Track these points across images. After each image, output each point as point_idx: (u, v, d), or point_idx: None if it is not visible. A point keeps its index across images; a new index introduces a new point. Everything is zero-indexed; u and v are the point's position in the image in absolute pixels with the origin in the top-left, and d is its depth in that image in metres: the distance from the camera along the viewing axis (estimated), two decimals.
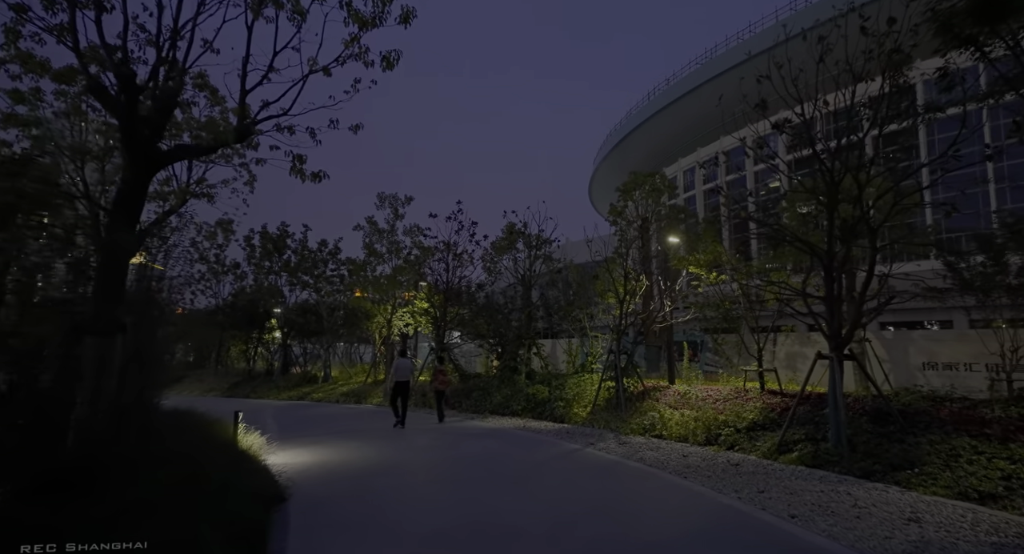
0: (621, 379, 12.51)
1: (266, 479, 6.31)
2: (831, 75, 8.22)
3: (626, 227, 21.36)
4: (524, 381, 16.07)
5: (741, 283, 12.54)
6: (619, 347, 12.88)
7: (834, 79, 8.08)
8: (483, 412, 15.20)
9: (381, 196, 21.43)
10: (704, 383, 13.62)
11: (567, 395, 13.87)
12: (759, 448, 8.81)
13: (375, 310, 21.80)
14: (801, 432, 8.81)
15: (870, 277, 8.29)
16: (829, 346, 8.59)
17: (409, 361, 14.07)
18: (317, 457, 8.95)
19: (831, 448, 8.01)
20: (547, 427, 12.49)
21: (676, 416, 10.89)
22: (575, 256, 21.12)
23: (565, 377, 15.43)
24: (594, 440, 10.48)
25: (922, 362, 14.25)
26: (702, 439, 9.82)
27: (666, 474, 7.55)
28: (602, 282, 14.76)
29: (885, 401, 8.37)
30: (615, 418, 12.03)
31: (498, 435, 11.60)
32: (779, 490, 6.53)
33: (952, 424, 7.66)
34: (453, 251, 19.85)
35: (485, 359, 21.29)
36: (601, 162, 57.52)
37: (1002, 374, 11.59)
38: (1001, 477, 6.10)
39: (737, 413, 10.21)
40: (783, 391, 11.21)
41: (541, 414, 13.84)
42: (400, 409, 13.13)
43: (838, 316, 8.46)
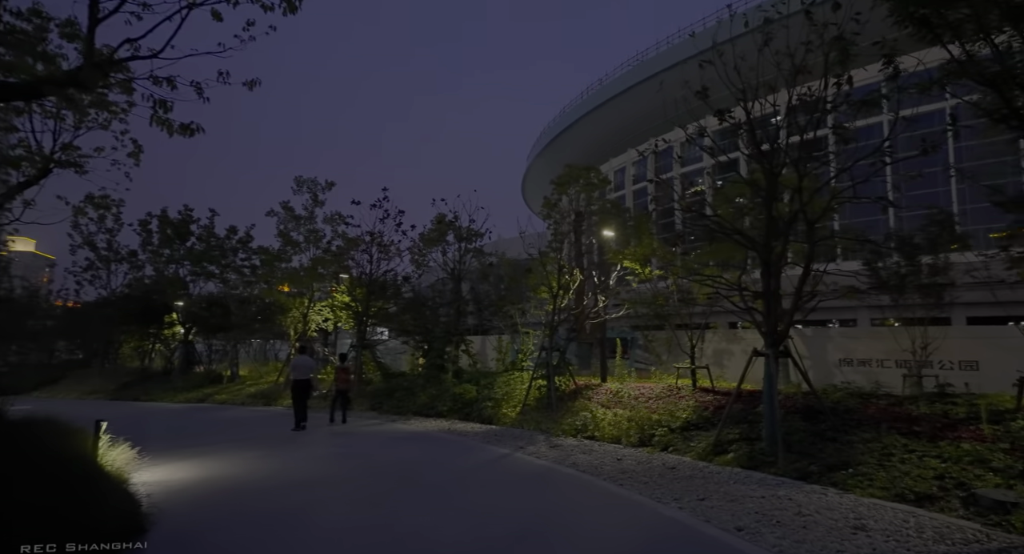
0: (553, 377, 11.94)
1: (121, 505, 5.07)
2: (775, 65, 7.95)
3: (560, 221, 21.00)
4: (451, 380, 15.19)
5: (675, 278, 12.32)
6: (551, 344, 12.30)
7: (776, 65, 7.81)
8: (406, 414, 14.17)
9: (299, 180, 19.78)
10: (636, 381, 13.34)
11: (496, 395, 13.14)
12: (694, 449, 8.46)
13: (290, 303, 20.09)
14: (735, 431, 8.55)
15: (807, 273, 8.13)
16: (765, 343, 8.36)
17: (310, 359, 12.86)
18: (203, 472, 7.65)
19: (766, 448, 7.76)
20: (474, 429, 11.69)
21: (609, 416, 10.43)
22: (507, 252, 20.48)
23: (495, 375, 14.71)
24: (524, 443, 9.80)
25: (839, 359, 14.74)
26: (636, 440, 9.38)
27: (601, 482, 6.96)
28: (535, 276, 14.15)
29: (817, 399, 8.25)
30: (546, 418, 11.43)
31: (421, 439, 10.67)
32: (720, 497, 6.08)
33: (881, 421, 7.61)
34: (378, 241, 18.59)
35: (411, 357, 20.20)
36: (535, 159, 57.35)
37: (913, 370, 12.09)
38: (934, 477, 5.96)
39: (671, 412, 9.88)
40: (715, 388, 11.05)
41: (468, 415, 13.03)
42: (301, 410, 12.04)
43: (775, 312, 8.24)
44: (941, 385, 8.36)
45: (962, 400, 7.60)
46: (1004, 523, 4.90)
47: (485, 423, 12.33)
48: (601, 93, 46.36)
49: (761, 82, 8.18)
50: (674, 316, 17.45)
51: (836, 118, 7.67)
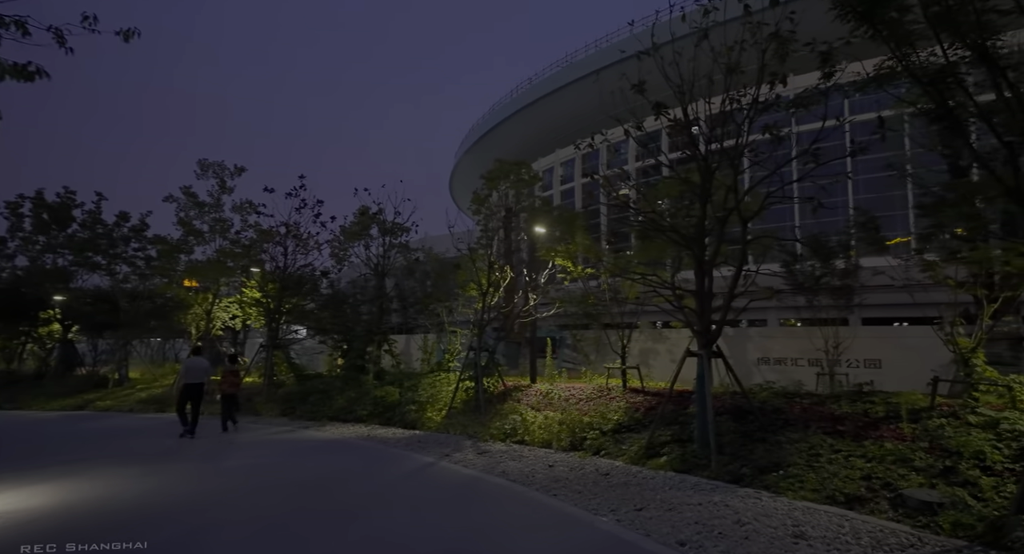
0: (481, 379, 11.38)
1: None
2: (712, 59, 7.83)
3: (490, 216, 20.45)
4: (372, 382, 14.25)
5: (607, 277, 12.14)
6: (480, 343, 11.74)
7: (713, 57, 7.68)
8: (321, 419, 13.09)
9: (203, 164, 17.93)
10: (567, 381, 13.07)
11: (421, 397, 12.40)
12: (626, 452, 8.20)
13: (192, 299, 18.19)
14: (667, 433, 8.39)
15: (739, 273, 8.09)
16: (698, 343, 8.25)
17: (204, 361, 11.60)
18: (66, 497, 6.40)
19: (698, 450, 7.62)
20: (397, 435, 10.90)
21: (539, 419, 10.02)
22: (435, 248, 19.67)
23: (419, 377, 13.93)
24: (450, 450, 9.16)
25: (757, 358, 15.26)
26: (567, 444, 9.03)
27: (534, 492, 6.49)
28: (464, 273, 13.52)
29: (747, 399, 8.24)
30: (474, 422, 10.86)
31: (337, 448, 9.75)
32: (658, 506, 5.78)
33: (807, 421, 7.68)
34: (294, 233, 17.20)
35: (329, 357, 18.93)
36: (463, 156, 56.52)
37: (826, 368, 12.62)
38: (861, 477, 5.98)
39: (602, 414, 9.62)
40: (645, 389, 10.95)
41: (390, 419, 12.19)
42: (191, 416, 10.96)
43: (708, 311, 8.14)
44: (860, 384, 8.62)
45: (879, 399, 7.82)
46: (932, 525, 4.90)
47: (408, 428, 11.56)
48: (531, 92, 46.41)
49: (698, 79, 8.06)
50: (603, 315, 17.48)
51: (773, 119, 7.64)
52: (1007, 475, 5.39)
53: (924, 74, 4.90)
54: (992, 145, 4.75)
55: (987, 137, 5.48)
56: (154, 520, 5.54)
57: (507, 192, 19.72)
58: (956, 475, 5.57)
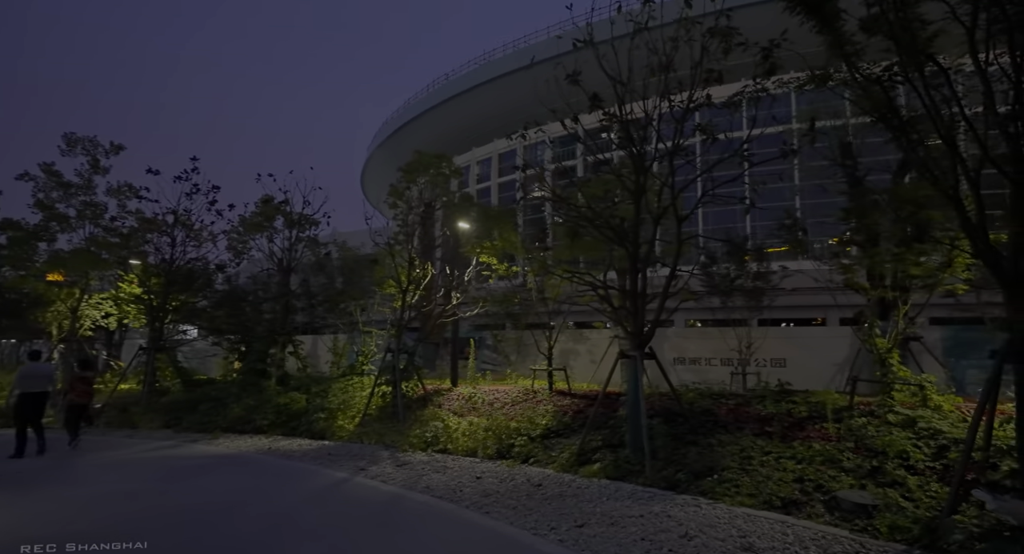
0: (399, 383, 10.54)
1: None
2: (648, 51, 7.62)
3: (408, 211, 19.48)
4: (275, 387, 12.89)
5: (534, 275, 11.75)
6: (399, 345, 10.89)
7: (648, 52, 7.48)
8: (213, 430, 11.58)
9: (70, 139, 15.43)
10: (491, 384, 12.53)
11: (331, 403, 11.31)
12: (557, 459, 7.80)
13: (54, 295, 15.63)
14: (598, 438, 8.10)
15: (673, 272, 7.97)
16: (631, 344, 8.02)
17: (46, 366, 9.94)
18: None
19: (631, 456, 7.37)
20: (304, 447, 9.80)
21: (463, 425, 9.41)
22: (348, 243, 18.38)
23: (329, 381, 12.78)
24: (366, 462, 8.29)
25: (673, 358, 15.61)
26: (493, 452, 8.48)
27: (464, 511, 5.86)
28: (382, 268, 12.58)
29: (678, 401, 8.14)
30: (391, 430, 10.02)
31: (231, 465, 8.53)
32: (599, 521, 5.38)
33: (735, 422, 7.69)
34: (183, 221, 15.28)
35: (224, 360, 17.08)
36: (375, 150, 54.27)
37: (739, 368, 13.05)
38: (794, 480, 5.96)
39: (530, 418, 9.18)
40: (572, 391, 10.66)
41: (296, 429, 11.01)
42: (36, 432, 9.32)
43: (641, 312, 7.93)
44: (781, 383, 8.83)
45: (800, 399, 8.01)
46: (870, 528, 4.88)
47: (317, 438, 10.47)
48: (447, 88, 45.46)
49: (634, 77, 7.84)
50: (525, 315, 17.14)
51: (713, 119, 7.57)
52: (929, 474, 5.55)
53: (864, 76, 4.87)
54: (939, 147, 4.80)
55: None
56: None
57: (427, 186, 18.91)
58: (883, 475, 5.66)
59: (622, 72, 7.79)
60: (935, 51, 4.56)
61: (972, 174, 4.66)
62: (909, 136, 4.73)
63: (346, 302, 14.30)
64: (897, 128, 4.77)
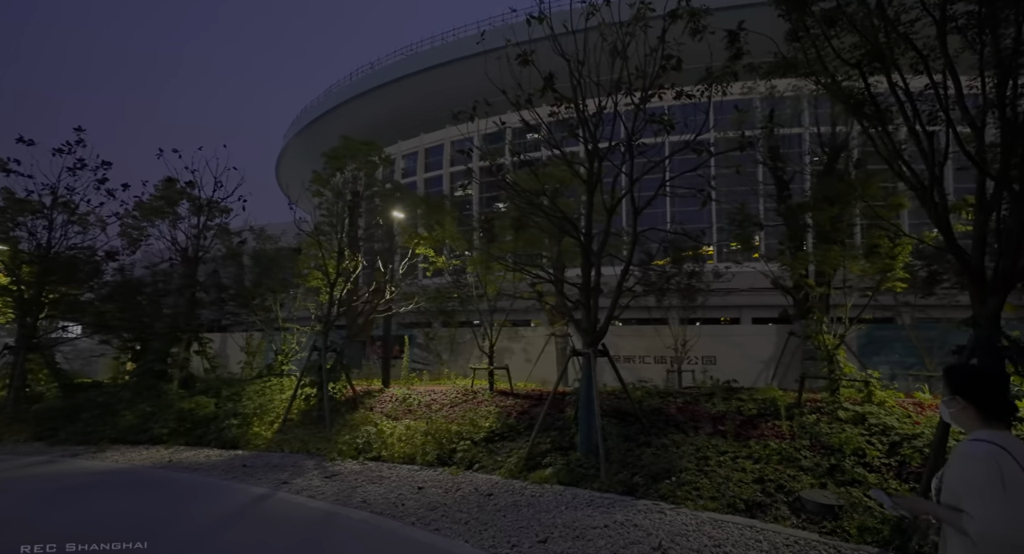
0: (326, 384, 9.56)
1: None
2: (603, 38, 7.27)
3: (334, 200, 18.28)
4: (177, 391, 11.38)
5: (476, 269, 11.14)
6: (326, 343, 9.89)
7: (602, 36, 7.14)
8: (99, 442, 9.99)
9: None
10: (426, 384, 11.78)
11: (245, 408, 10.09)
12: (504, 464, 7.27)
13: None
14: (547, 440, 7.65)
15: (628, 266, 7.69)
16: (583, 341, 7.65)
17: None
18: None
19: (582, 459, 6.99)
20: (213, 459, 8.60)
21: (399, 429, 8.65)
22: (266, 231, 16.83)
23: (243, 383, 11.46)
24: (288, 475, 7.34)
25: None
26: (434, 458, 7.81)
27: (410, 529, 5.18)
28: (306, 260, 11.46)
29: (630, 400, 7.87)
30: (316, 436, 9.04)
31: (121, 483, 7.25)
32: (562, 534, 4.90)
33: (687, 422, 7.52)
34: (64, 202, 13.22)
35: (115, 361, 15.05)
36: (293, 138, 50.76)
37: (674, 365, 13.17)
38: (755, 480, 5.81)
39: (471, 421, 8.58)
40: (514, 391, 10.16)
41: (203, 438, 9.71)
42: None
43: (595, 307, 7.58)
44: (727, 381, 8.83)
45: (746, 396, 7.99)
46: (839, 530, 4.76)
47: (229, 448, 9.26)
48: (371, 78, 43.45)
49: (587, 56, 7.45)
50: (459, 312, 16.47)
51: (669, 110, 7.34)
52: (886, 471, 5.57)
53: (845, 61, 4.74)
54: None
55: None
56: None
57: (355, 174, 17.81)
58: (842, 473, 5.62)
59: (577, 53, 7.38)
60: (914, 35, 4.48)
61: (937, 169, 4.65)
62: (883, 126, 4.64)
63: (263, 296, 12.93)
64: (871, 117, 4.67)
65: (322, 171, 18.40)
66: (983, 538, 1.75)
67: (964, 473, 1.87)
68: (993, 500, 1.77)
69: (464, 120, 7.98)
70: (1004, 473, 1.80)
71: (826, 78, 5.09)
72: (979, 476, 1.82)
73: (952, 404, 2.05)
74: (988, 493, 1.78)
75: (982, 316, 4.28)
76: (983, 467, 1.82)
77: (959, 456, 1.93)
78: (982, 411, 1.99)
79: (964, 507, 1.83)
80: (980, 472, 1.82)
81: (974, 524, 1.77)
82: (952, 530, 1.92)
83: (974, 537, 1.77)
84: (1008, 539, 1.73)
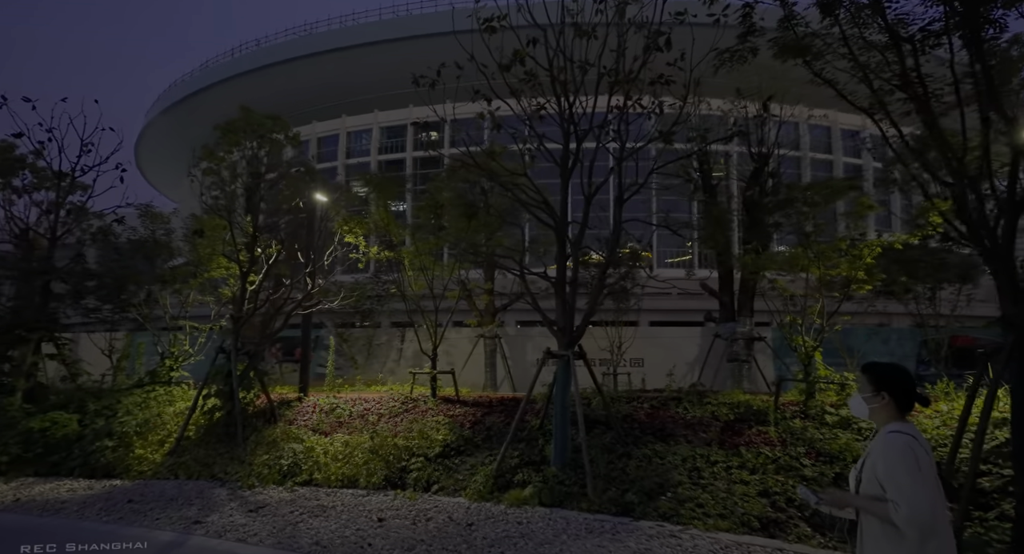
0: (238, 394, 7.91)
1: None
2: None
3: (230, 179, 16.16)
4: (21, 407, 8.92)
5: (415, 262, 9.99)
6: (236, 344, 8.21)
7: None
8: None
9: None
10: (355, 391, 10.37)
11: (124, 426, 8.06)
12: (469, 484, 6.33)
13: None
14: (512, 454, 6.80)
15: (608, 262, 7.10)
16: (559, 342, 6.94)
17: None
18: None
19: (560, 474, 6.25)
20: (80, 493, 6.66)
21: (335, 445, 7.33)
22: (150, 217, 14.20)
23: (117, 394, 9.25)
24: (198, 511, 5.77)
25: (536, 358, 15.03)
26: (381, 479, 6.66)
27: None
28: (207, 244, 9.59)
29: (605, 405, 7.26)
30: (224, 457, 7.41)
31: None
32: None
33: (663, 429, 7.05)
34: None
35: None
36: (158, 116, 43.72)
37: (611, 368, 12.91)
38: (759, 493, 5.44)
39: (421, 433, 7.48)
40: (460, 398, 9.15)
41: (62, 466, 7.59)
42: None
43: (572, 304, 6.89)
44: (694, 384, 8.55)
45: (713, 399, 7.73)
46: None
47: (103, 478, 7.28)
48: (259, 56, 39.04)
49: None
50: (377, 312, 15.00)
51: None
52: None
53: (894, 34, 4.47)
54: None
55: None
56: None
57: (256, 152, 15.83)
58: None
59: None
60: None
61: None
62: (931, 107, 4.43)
63: (147, 288, 10.55)
64: (919, 98, 4.45)
65: (213, 145, 16.09)
66: (910, 523, 1.87)
67: (889, 464, 1.98)
68: (916, 487, 1.89)
69: (425, 85, 6.87)
70: (920, 461, 1.95)
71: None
72: (903, 466, 1.94)
73: (875, 400, 2.17)
74: (913, 481, 1.91)
75: (1016, 316, 4.18)
76: (906, 457, 1.95)
77: (883, 448, 2.04)
78: (900, 405, 2.14)
79: (890, 496, 1.94)
80: (904, 462, 1.95)
81: (902, 510, 1.88)
82: (871, 521, 2.05)
83: (902, 523, 1.88)
84: (930, 523, 1.87)
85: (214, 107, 39.79)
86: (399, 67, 6.44)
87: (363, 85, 34.12)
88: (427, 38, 29.49)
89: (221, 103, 39.30)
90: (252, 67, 39.00)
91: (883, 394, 2.15)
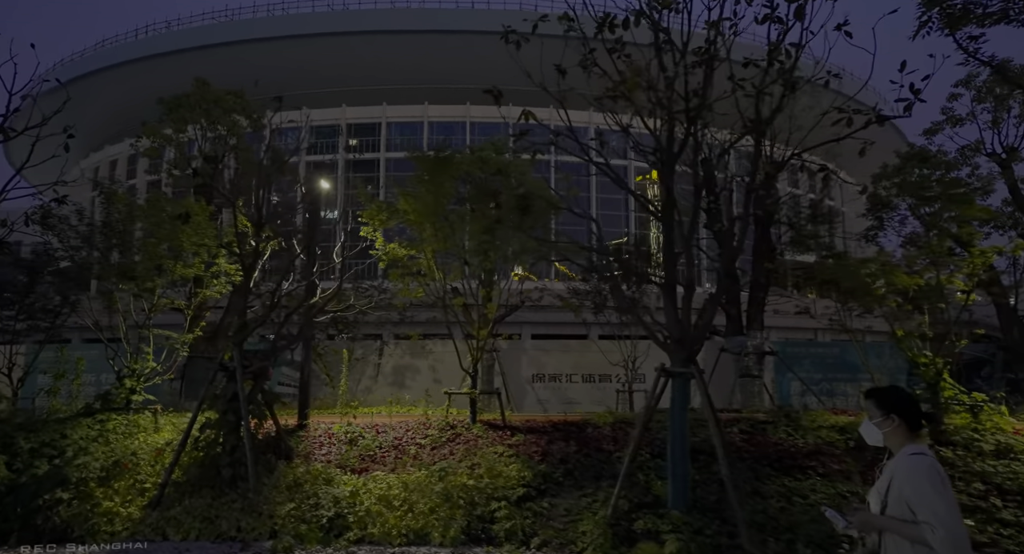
0: (248, 423, 6.10)
1: None
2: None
3: (183, 161, 14.24)
4: None
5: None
6: (241, 359, 6.38)
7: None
8: None
9: None
10: (370, 414, 8.67)
11: (87, 470, 5.98)
12: (583, 539, 5.06)
13: None
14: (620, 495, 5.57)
15: (765, 255, 6.12)
16: (673, 359, 5.83)
17: None
18: None
19: (689, 519, 5.14)
20: None
21: (389, 488, 5.77)
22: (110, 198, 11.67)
23: (61, 425, 7.00)
24: None
25: (532, 374, 13.85)
26: (459, 531, 5.20)
27: None
28: (190, 232, 7.64)
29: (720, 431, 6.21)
30: (234, 508, 5.61)
31: None
32: None
33: (778, 459, 6.11)
34: None
35: None
36: (44, 95, 37.51)
37: (625, 385, 12.02)
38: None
39: (490, 469, 6.08)
40: (507, 422, 7.74)
41: None
42: None
43: (687, 312, 5.83)
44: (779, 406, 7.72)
45: (808, 422, 6.91)
46: None
47: (54, 544, 5.24)
48: (132, 48, 34.78)
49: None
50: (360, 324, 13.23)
51: None
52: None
53: None
54: None
55: None
56: None
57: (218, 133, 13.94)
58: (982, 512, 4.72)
59: None
60: None
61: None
62: None
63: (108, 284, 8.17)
64: None
65: (159, 122, 14.03)
66: (946, 544, 1.87)
67: (917, 487, 1.99)
68: (949, 507, 1.93)
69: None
70: (943, 480, 2.00)
71: None
72: (931, 488, 1.96)
73: (887, 424, 2.18)
74: (946, 503, 1.93)
75: None
76: (932, 479, 1.98)
77: (908, 472, 2.05)
78: (910, 425, 2.15)
79: (922, 519, 1.94)
80: (932, 485, 1.96)
81: (939, 532, 1.88)
82: (899, 543, 2.05)
83: (938, 544, 1.89)
84: (966, 544, 1.92)
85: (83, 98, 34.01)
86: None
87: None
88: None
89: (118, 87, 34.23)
90: (122, 60, 34.17)
91: (893, 416, 2.16)
